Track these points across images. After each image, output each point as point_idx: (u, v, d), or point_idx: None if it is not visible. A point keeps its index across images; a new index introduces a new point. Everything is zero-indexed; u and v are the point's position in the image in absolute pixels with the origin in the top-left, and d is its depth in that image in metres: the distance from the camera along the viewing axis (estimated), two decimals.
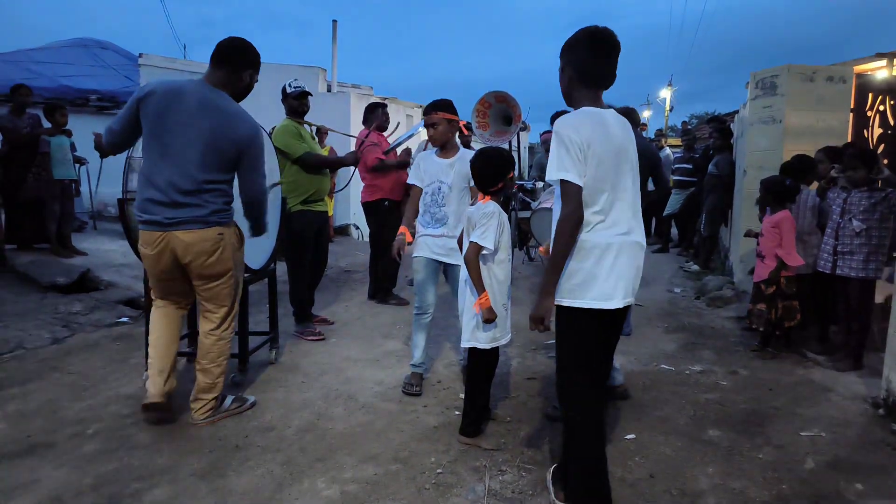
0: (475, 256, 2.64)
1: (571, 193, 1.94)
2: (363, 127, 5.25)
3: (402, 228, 3.37)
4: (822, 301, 4.08)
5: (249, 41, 2.87)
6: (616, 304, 2.00)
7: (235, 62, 2.80)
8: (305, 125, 4.41)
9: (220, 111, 2.68)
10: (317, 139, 5.18)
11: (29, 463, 2.52)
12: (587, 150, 1.94)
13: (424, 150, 6.31)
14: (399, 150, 5.33)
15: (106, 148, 2.81)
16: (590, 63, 2.04)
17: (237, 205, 2.88)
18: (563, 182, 1.96)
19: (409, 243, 3.40)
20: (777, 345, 4.11)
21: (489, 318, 2.64)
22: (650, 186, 3.80)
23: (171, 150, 2.65)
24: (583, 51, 2.04)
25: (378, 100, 8.17)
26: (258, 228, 3.02)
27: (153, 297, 2.98)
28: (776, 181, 4.09)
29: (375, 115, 5.22)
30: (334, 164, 4.79)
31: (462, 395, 3.17)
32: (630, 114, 3.22)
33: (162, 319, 2.92)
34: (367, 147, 4.90)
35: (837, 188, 3.95)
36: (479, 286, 2.64)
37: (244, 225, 2.98)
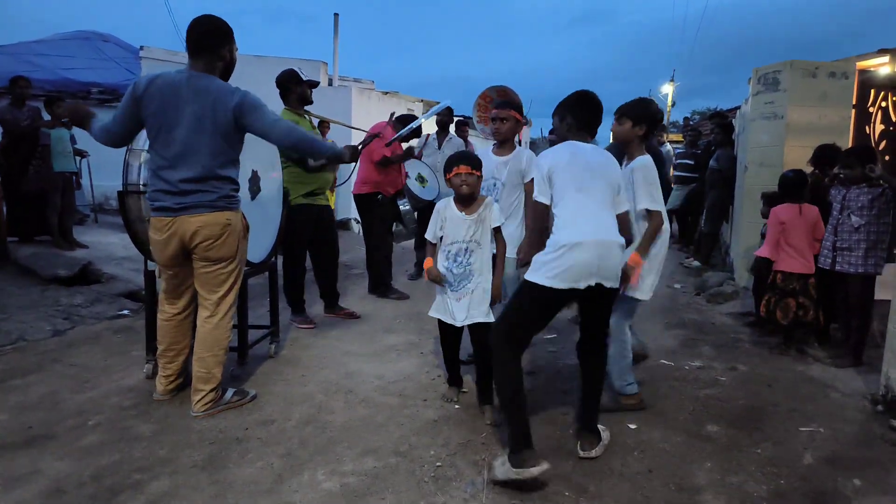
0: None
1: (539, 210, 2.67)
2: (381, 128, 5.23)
3: None
4: (823, 297, 4.08)
5: (215, 16, 2.84)
6: (564, 286, 2.41)
7: (212, 46, 2.81)
8: (305, 116, 4.38)
9: (210, 93, 2.73)
10: (318, 132, 5.16)
11: (30, 454, 2.54)
12: (552, 174, 2.60)
13: (425, 143, 6.32)
14: (403, 146, 5.33)
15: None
16: (585, 117, 2.78)
17: (243, 193, 2.91)
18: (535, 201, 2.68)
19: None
20: (772, 333, 4.19)
21: (428, 274, 3.02)
22: None
23: (177, 142, 2.72)
24: (580, 108, 2.78)
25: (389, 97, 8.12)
26: (320, 153, 3.14)
27: (161, 303, 3.04)
28: (784, 174, 4.12)
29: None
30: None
31: (462, 391, 3.22)
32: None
33: (171, 329, 3.03)
34: (376, 142, 4.90)
35: (838, 185, 3.94)
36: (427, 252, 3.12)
37: (250, 216, 3.03)
